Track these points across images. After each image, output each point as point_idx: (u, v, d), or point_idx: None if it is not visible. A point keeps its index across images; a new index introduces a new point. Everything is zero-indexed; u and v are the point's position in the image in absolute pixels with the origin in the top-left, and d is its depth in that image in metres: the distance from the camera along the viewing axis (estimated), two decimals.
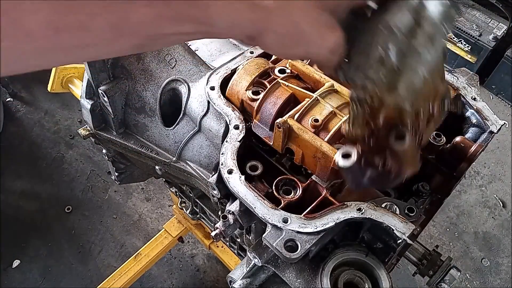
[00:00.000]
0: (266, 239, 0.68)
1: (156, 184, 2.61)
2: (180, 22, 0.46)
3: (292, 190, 0.76)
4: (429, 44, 0.52)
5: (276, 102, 0.80)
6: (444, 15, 0.52)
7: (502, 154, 2.88)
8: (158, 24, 0.46)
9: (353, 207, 0.70)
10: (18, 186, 2.58)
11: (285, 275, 0.73)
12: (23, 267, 2.30)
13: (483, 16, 3.11)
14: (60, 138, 2.81)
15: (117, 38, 0.46)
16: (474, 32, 3.03)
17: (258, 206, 0.71)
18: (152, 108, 0.96)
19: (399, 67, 0.52)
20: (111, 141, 1.04)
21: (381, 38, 0.51)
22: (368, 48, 0.52)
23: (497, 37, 2.97)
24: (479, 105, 0.87)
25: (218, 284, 2.31)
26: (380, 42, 0.51)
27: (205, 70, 0.93)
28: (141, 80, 0.95)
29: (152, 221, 2.51)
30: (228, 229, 0.78)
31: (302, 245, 0.66)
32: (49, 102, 2.97)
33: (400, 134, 0.55)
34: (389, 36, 0.51)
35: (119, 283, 1.89)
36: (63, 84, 1.37)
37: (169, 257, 2.37)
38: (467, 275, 2.40)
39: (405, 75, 0.53)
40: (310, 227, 0.68)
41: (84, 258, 2.35)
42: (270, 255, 0.73)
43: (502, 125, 0.86)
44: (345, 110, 0.76)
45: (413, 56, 0.52)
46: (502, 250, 2.51)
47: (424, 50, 0.52)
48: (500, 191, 2.74)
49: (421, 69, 0.52)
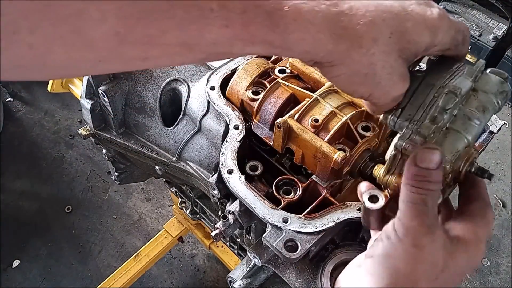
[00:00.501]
0: (266, 239, 0.68)
1: (156, 184, 2.61)
2: (254, 44, 0.45)
3: (292, 190, 0.76)
4: (480, 113, 0.55)
5: (276, 102, 0.80)
6: (499, 89, 0.56)
7: (502, 154, 2.88)
8: (231, 44, 0.44)
9: (353, 207, 0.70)
10: (18, 186, 2.58)
11: (285, 275, 0.73)
12: (23, 267, 2.30)
13: (483, 16, 3.11)
14: (60, 138, 2.81)
15: (184, 54, 0.44)
16: (474, 32, 3.03)
17: (258, 206, 0.71)
18: (152, 108, 0.96)
19: (449, 128, 0.55)
20: (111, 141, 1.04)
21: (439, 97, 0.53)
22: (423, 102, 0.54)
23: (497, 37, 2.97)
24: None
25: (218, 284, 2.31)
26: (437, 100, 0.53)
27: (205, 70, 0.93)
28: (141, 80, 0.95)
29: (152, 221, 2.51)
30: (228, 229, 0.78)
31: (302, 245, 0.66)
32: (49, 102, 2.97)
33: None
34: (448, 97, 0.53)
35: (119, 283, 1.89)
36: (63, 84, 1.37)
37: (169, 257, 2.37)
38: (467, 275, 2.40)
39: (452, 137, 0.55)
40: (310, 227, 0.68)
41: (84, 258, 2.35)
42: (270, 255, 0.73)
43: (502, 125, 0.86)
44: (345, 110, 0.76)
45: (464, 120, 0.55)
46: (502, 250, 2.51)
47: (475, 118, 0.55)
48: (500, 191, 2.74)
49: (467, 134, 0.55)
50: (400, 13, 0.48)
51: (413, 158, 0.50)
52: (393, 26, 0.47)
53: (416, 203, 0.49)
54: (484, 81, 0.57)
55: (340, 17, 0.45)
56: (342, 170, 0.72)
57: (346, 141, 0.75)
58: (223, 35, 0.43)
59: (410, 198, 0.50)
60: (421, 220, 0.49)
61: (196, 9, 0.41)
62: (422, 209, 0.49)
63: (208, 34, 0.42)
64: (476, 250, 0.53)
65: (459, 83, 0.54)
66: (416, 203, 0.49)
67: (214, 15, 0.41)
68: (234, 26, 0.43)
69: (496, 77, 0.57)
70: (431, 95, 0.54)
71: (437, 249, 0.49)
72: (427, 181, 0.49)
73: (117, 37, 0.40)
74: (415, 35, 0.48)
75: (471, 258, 0.53)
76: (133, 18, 0.40)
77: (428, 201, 0.49)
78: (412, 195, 0.49)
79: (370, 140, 0.75)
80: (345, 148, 0.73)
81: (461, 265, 0.52)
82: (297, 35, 0.44)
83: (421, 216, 0.49)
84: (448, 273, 0.50)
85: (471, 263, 0.53)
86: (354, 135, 0.73)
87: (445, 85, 0.54)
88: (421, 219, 0.49)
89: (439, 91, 0.54)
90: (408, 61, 0.50)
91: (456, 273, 0.51)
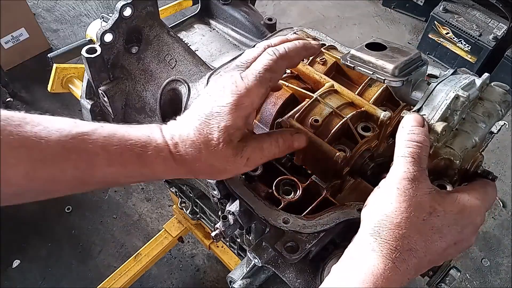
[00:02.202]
0: (266, 239, 0.68)
1: (156, 184, 2.61)
2: (133, 177, 0.62)
3: (292, 191, 0.76)
4: (486, 118, 0.64)
5: (276, 102, 0.80)
6: (502, 99, 0.66)
7: (502, 154, 2.88)
8: (115, 178, 0.60)
9: (353, 207, 0.70)
10: None
11: (285, 276, 0.73)
12: (23, 267, 2.30)
13: (483, 16, 3.11)
14: None
15: (80, 187, 0.60)
16: (474, 32, 3.03)
17: (258, 206, 0.71)
18: (152, 108, 0.96)
19: (458, 129, 0.64)
20: None
21: (450, 100, 0.61)
22: (436, 105, 0.62)
23: (497, 37, 2.97)
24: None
25: (218, 284, 2.31)
26: (449, 103, 0.61)
27: (205, 70, 0.93)
28: (141, 80, 0.95)
29: (152, 221, 2.51)
30: (228, 230, 0.78)
31: (302, 246, 0.66)
32: (49, 102, 2.97)
33: (442, 184, 0.64)
34: (458, 100, 0.61)
35: (119, 283, 1.89)
36: (63, 84, 1.37)
37: (169, 257, 2.37)
38: (467, 275, 2.40)
39: (462, 136, 0.64)
40: (310, 227, 0.68)
41: (84, 258, 2.35)
42: (270, 255, 0.73)
43: (502, 125, 0.86)
44: (345, 110, 0.76)
45: (472, 123, 0.64)
46: (502, 250, 2.51)
47: (481, 121, 0.64)
48: (500, 191, 2.74)
49: (474, 135, 0.64)
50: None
51: (401, 122, 0.60)
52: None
53: (404, 156, 0.56)
54: (489, 91, 0.66)
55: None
56: (342, 171, 0.72)
57: (346, 141, 0.75)
58: (109, 172, 0.58)
59: (398, 153, 0.57)
60: (407, 169, 0.55)
61: (86, 153, 0.56)
62: (408, 161, 0.56)
63: (97, 172, 0.57)
64: (470, 207, 0.58)
65: (468, 89, 0.63)
66: (403, 156, 0.56)
67: (100, 157, 0.57)
68: (115, 165, 0.58)
69: (499, 88, 0.67)
70: (443, 99, 0.62)
71: (422, 194, 0.55)
72: (411, 138, 0.57)
73: (28, 176, 0.54)
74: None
75: (463, 211, 0.57)
76: (40, 161, 0.54)
77: (413, 153, 0.56)
78: (399, 150, 0.57)
79: (370, 141, 0.75)
80: (345, 149, 0.73)
81: (451, 213, 0.56)
82: (161, 168, 0.61)
83: (406, 167, 0.55)
84: (438, 219, 0.55)
85: (464, 215, 0.57)
86: (354, 135, 0.73)
87: (455, 91, 0.62)
88: (407, 169, 0.55)
89: (450, 95, 0.61)
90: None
91: (447, 221, 0.55)
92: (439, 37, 3.24)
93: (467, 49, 3.12)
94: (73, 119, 0.59)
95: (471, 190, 0.61)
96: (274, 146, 0.66)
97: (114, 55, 0.90)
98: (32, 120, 0.55)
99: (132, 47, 0.92)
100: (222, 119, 0.60)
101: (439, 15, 3.14)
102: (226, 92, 0.61)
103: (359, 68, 0.68)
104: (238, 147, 0.62)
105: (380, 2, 3.88)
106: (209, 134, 0.60)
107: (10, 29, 2.95)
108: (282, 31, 0.99)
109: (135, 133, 0.60)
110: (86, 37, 1.33)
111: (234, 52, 1.08)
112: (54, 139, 0.54)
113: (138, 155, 0.59)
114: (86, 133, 0.57)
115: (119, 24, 0.86)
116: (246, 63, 0.65)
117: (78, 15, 3.60)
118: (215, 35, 1.15)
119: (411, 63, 0.66)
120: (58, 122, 0.57)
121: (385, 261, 0.51)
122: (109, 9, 3.60)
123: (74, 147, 0.55)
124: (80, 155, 0.56)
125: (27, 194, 0.57)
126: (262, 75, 0.62)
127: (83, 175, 0.57)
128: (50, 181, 0.56)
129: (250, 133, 0.67)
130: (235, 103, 0.60)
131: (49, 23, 3.51)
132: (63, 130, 0.56)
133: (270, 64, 0.63)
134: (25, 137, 0.53)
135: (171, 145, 0.61)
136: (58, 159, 0.55)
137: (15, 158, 0.52)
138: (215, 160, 0.62)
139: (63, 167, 0.55)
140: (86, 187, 0.60)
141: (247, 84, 0.61)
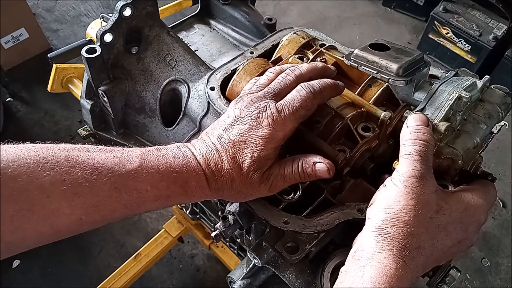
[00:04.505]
0: (266, 240, 0.68)
1: None
2: (173, 204, 0.66)
3: (292, 191, 0.76)
4: (486, 119, 0.66)
5: None
6: (502, 101, 0.68)
7: (502, 154, 2.88)
8: (157, 208, 0.63)
9: (353, 208, 0.70)
10: None
11: (285, 276, 0.73)
12: (23, 267, 2.30)
13: (483, 16, 3.11)
14: (60, 138, 2.79)
15: (122, 219, 0.61)
16: (474, 32, 3.03)
17: (258, 206, 0.71)
18: (152, 108, 0.96)
19: (460, 130, 0.65)
20: (111, 141, 1.04)
21: (452, 101, 0.63)
22: (439, 105, 0.63)
23: (497, 37, 2.96)
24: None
25: (218, 284, 2.30)
26: (451, 104, 0.62)
27: (205, 71, 0.93)
28: (141, 81, 0.94)
29: (152, 221, 2.51)
30: (228, 230, 0.78)
31: (303, 246, 0.66)
32: (49, 102, 2.96)
33: (444, 184, 0.65)
34: (460, 101, 0.63)
35: (119, 283, 1.89)
36: (63, 84, 1.37)
37: (169, 257, 2.37)
38: (467, 275, 2.40)
39: (463, 136, 0.65)
40: (311, 228, 0.68)
41: (84, 258, 2.35)
42: (270, 255, 0.73)
43: (502, 125, 0.86)
44: (345, 110, 0.76)
45: (473, 124, 0.66)
46: (502, 250, 2.51)
47: (482, 122, 0.66)
48: (500, 191, 2.74)
49: (475, 135, 0.65)
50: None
51: (406, 122, 0.61)
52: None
53: (411, 154, 0.57)
54: (490, 93, 0.68)
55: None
56: (342, 171, 0.72)
57: (346, 141, 0.75)
58: (154, 206, 0.61)
59: (404, 151, 0.58)
60: (414, 167, 0.56)
61: (136, 192, 0.57)
62: (415, 159, 0.56)
63: (144, 208, 0.59)
64: (474, 206, 0.59)
65: (470, 90, 0.64)
66: (410, 154, 0.57)
67: (149, 194, 0.58)
68: (162, 199, 0.60)
69: (499, 91, 0.68)
70: (445, 99, 0.63)
71: (429, 192, 0.55)
72: (417, 136, 0.58)
73: (80, 222, 0.55)
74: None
75: (468, 209, 0.58)
76: (93, 207, 0.54)
77: (420, 152, 0.56)
78: (405, 148, 0.58)
79: (370, 141, 0.75)
80: (345, 149, 0.73)
81: (457, 212, 0.57)
82: (198, 196, 0.63)
83: (414, 165, 0.56)
84: (444, 217, 0.55)
85: (469, 213, 0.58)
86: (354, 135, 0.73)
87: (458, 92, 0.63)
88: (414, 167, 0.56)
89: (453, 96, 0.62)
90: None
91: (453, 220, 0.56)
92: (439, 37, 3.24)
93: (467, 49, 3.11)
94: (114, 152, 0.59)
95: (474, 189, 0.62)
96: (295, 174, 0.67)
97: (114, 55, 0.90)
98: (76, 161, 0.55)
99: (132, 47, 0.92)
100: (256, 150, 0.62)
101: (439, 15, 3.14)
102: (263, 124, 0.62)
103: (363, 67, 0.68)
104: (264, 175, 0.64)
105: (380, 2, 3.88)
106: (241, 163, 0.62)
107: (10, 29, 2.94)
108: (282, 31, 0.99)
109: (174, 162, 0.61)
110: (86, 37, 1.33)
111: (234, 52, 1.08)
112: (105, 182, 0.55)
113: (182, 187, 0.61)
114: (135, 170, 0.57)
115: (119, 24, 0.86)
116: (278, 90, 0.68)
117: (78, 15, 3.60)
118: (215, 35, 1.15)
119: (414, 64, 0.66)
120: (104, 160, 0.57)
121: (396, 260, 0.50)
122: (109, 9, 3.60)
123: (125, 187, 0.56)
124: (131, 195, 0.57)
125: (69, 235, 0.58)
126: (298, 112, 0.65)
127: (131, 212, 0.58)
128: (99, 222, 0.57)
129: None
130: (270, 136, 0.62)
131: (49, 23, 3.51)
132: (112, 170, 0.56)
133: (307, 103, 0.65)
134: (77, 183, 0.53)
135: (208, 174, 0.62)
136: (109, 201, 0.55)
137: (70, 208, 0.52)
138: (243, 187, 0.64)
139: (113, 208, 0.56)
140: (125, 218, 0.62)
141: (284, 119, 0.63)
